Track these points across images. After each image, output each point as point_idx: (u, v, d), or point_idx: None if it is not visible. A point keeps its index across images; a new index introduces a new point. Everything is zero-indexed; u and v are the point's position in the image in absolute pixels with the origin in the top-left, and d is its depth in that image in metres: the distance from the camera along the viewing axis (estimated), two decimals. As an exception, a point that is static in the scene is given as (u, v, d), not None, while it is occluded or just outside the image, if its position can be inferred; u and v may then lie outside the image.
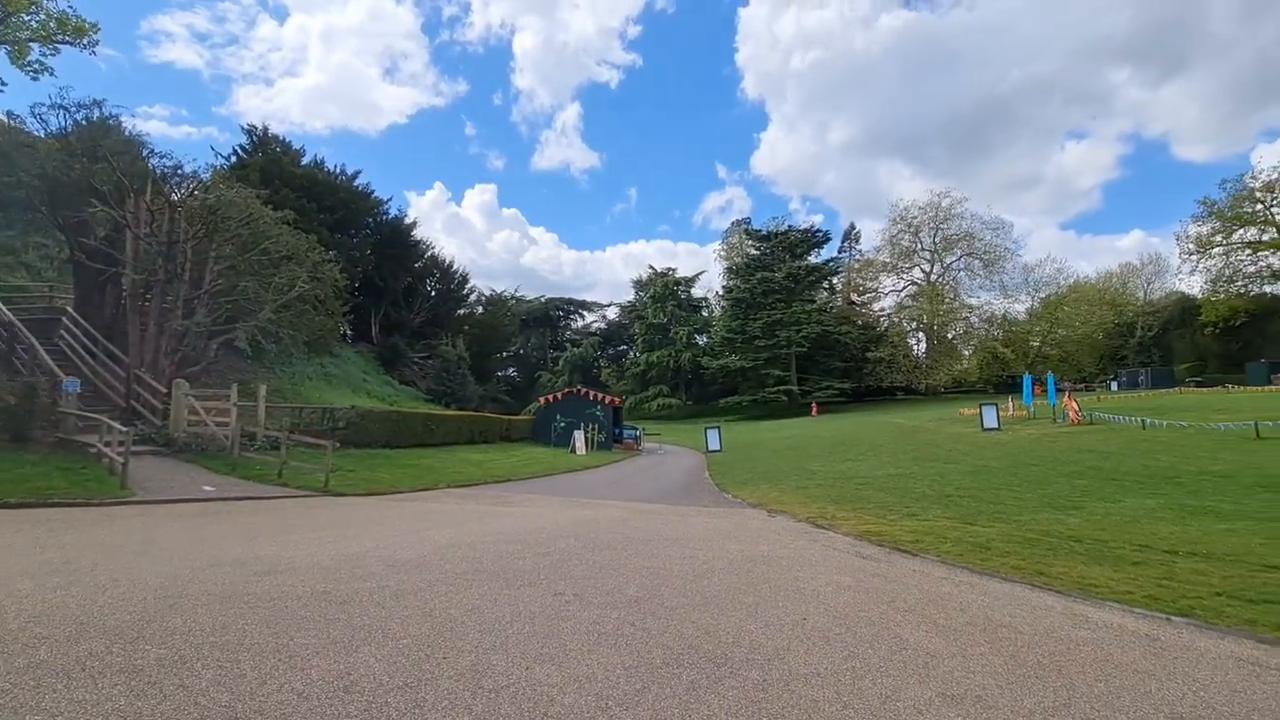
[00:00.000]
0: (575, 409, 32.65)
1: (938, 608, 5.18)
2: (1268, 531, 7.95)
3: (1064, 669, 3.86)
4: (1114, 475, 13.13)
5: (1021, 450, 18.66)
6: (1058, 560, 6.90)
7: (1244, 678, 3.78)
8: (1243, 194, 50.29)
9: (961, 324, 65.72)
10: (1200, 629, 4.75)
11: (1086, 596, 5.61)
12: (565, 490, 16.51)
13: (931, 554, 7.48)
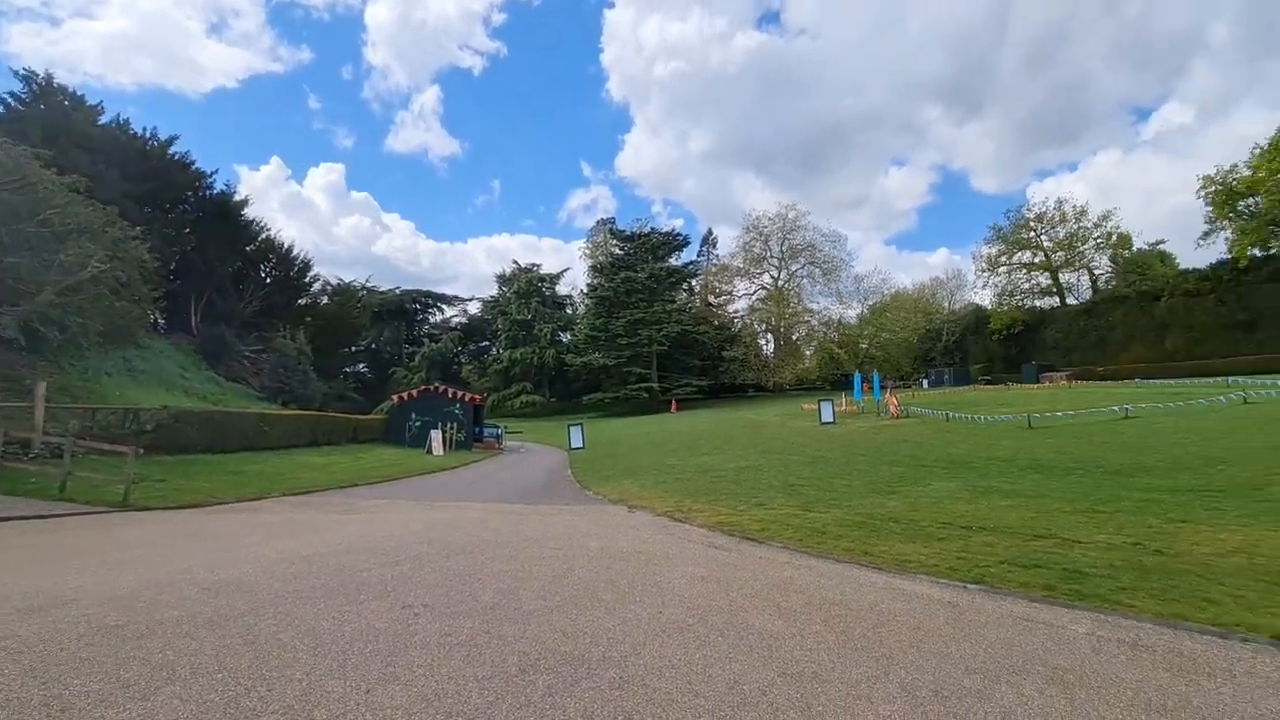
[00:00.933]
0: (432, 407, 31.06)
1: (781, 592, 5.57)
2: (1037, 507, 9.51)
3: (884, 639, 4.32)
4: (924, 462, 15.00)
5: (852, 442, 20.72)
6: (880, 540, 7.73)
7: (1019, 632, 4.48)
8: (1021, 223, 60.05)
9: (804, 327, 71.69)
10: (989, 593, 5.55)
11: (903, 571, 6.34)
12: (420, 493, 15.65)
13: (776, 541, 8.05)
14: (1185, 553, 6.57)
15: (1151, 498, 9.50)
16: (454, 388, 35.63)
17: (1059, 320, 54.77)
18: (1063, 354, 52.18)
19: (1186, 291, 43.22)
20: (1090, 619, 4.79)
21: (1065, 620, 4.76)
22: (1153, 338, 44.77)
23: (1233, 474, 10.58)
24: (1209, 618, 4.71)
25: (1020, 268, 61.11)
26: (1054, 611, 4.99)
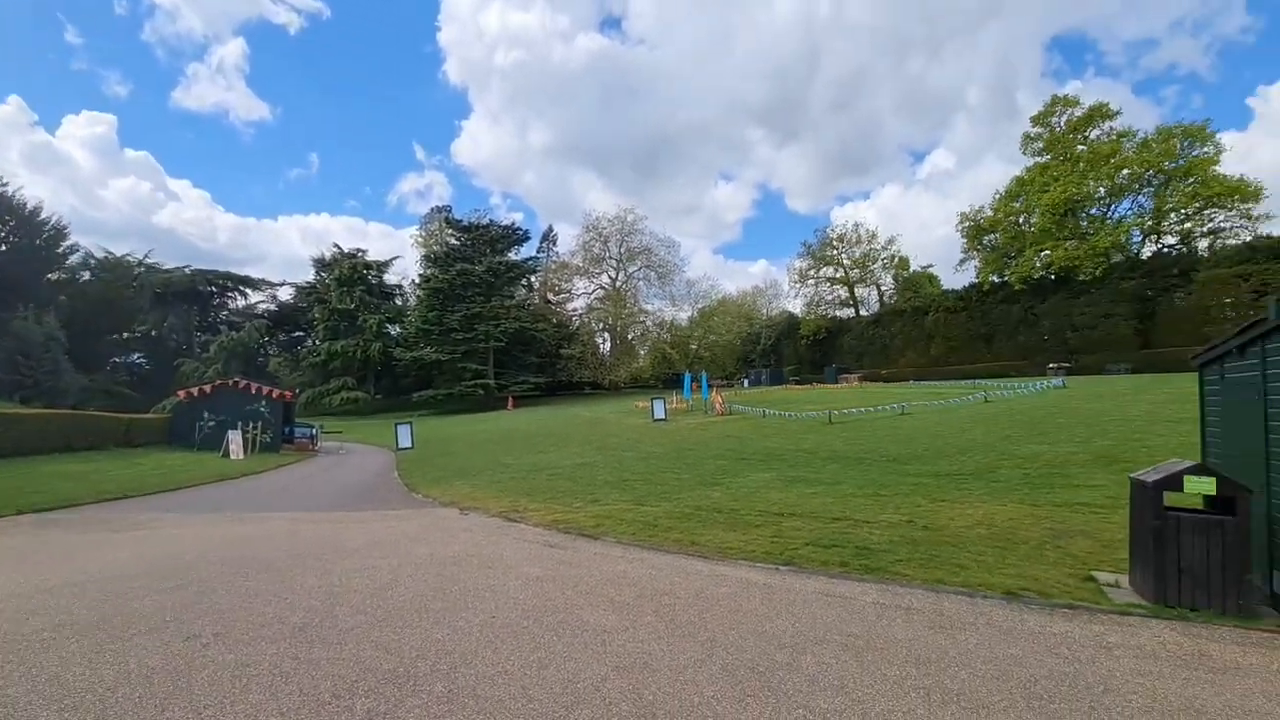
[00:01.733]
0: (230, 404, 27.16)
1: (615, 586, 5.72)
2: (835, 493, 10.79)
3: (708, 623, 4.63)
4: (744, 455, 16.31)
5: (682, 438, 21.89)
6: (705, 530, 8.26)
7: (821, 606, 5.05)
8: (826, 242, 67.94)
9: (639, 327, 74.35)
10: (797, 573, 6.18)
11: (725, 558, 6.83)
12: (214, 504, 13.62)
13: (610, 536, 8.24)
14: (943, 527, 7.88)
15: (920, 482, 11.23)
16: (259, 383, 31.47)
17: (854, 329, 62.67)
18: (856, 358, 59.79)
19: (947, 308, 51.87)
20: (876, 589, 5.55)
21: (856, 592, 5.46)
22: (922, 346, 53.07)
23: (975, 460, 12.89)
24: (960, 580, 5.70)
25: (825, 281, 69.07)
26: (848, 585, 5.70)
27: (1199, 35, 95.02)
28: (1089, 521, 7.84)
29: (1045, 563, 6.26)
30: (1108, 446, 12.46)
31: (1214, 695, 3.56)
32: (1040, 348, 43.21)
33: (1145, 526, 5.10)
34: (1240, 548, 4.79)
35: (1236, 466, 5.60)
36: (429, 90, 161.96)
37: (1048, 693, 3.55)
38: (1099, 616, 4.82)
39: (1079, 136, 45.94)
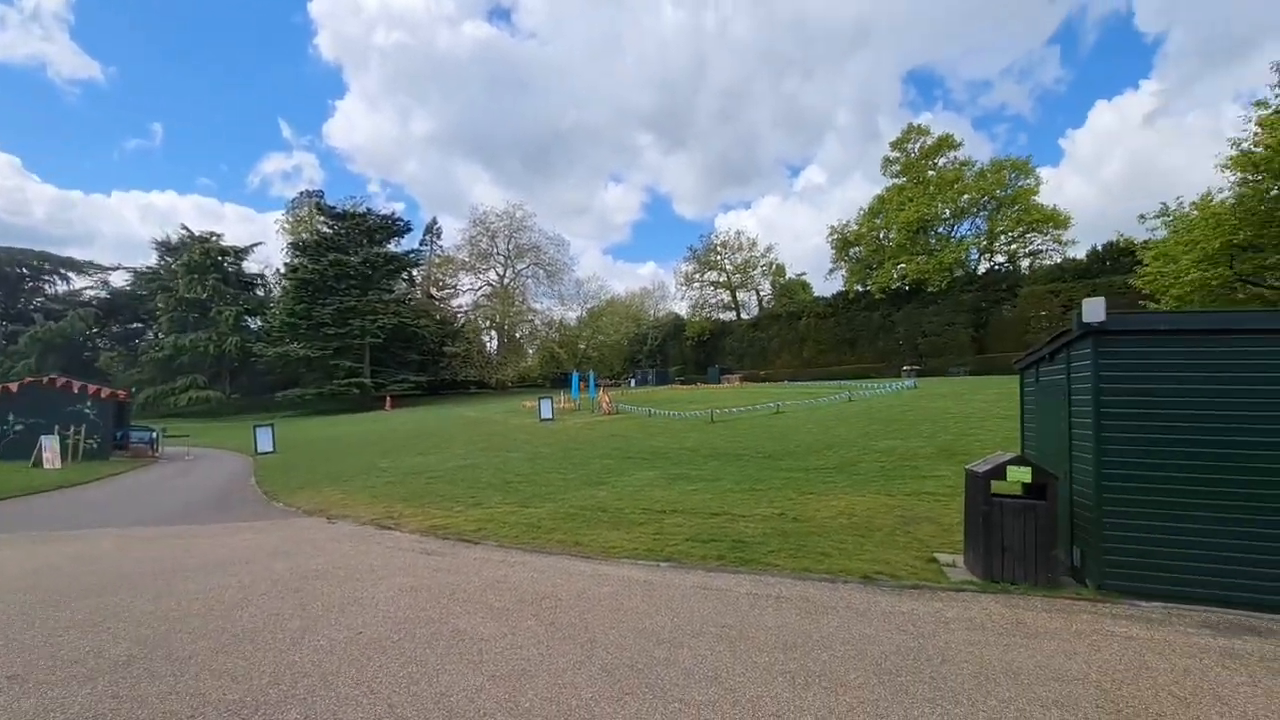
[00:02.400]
0: (45, 405, 23.32)
1: (495, 592, 5.56)
2: (715, 489, 11.22)
3: (589, 624, 4.63)
4: (630, 454, 16.54)
5: (569, 437, 21.78)
6: (590, 529, 8.27)
7: (699, 600, 5.22)
8: (710, 247, 70.66)
9: (528, 326, 73.12)
10: (677, 568, 6.35)
11: (608, 557, 6.88)
12: (23, 522, 11.65)
13: (492, 540, 8.02)
14: (811, 518, 8.44)
15: (792, 476, 11.96)
16: (83, 380, 27.31)
17: (735, 331, 65.61)
18: (738, 359, 62.61)
19: (818, 314, 55.75)
20: (750, 580, 5.83)
21: (732, 584, 5.71)
22: (796, 349, 56.64)
23: (840, 454, 13.95)
24: (825, 568, 6.12)
25: (709, 285, 71.77)
26: (725, 578, 5.94)
27: (1023, 82, 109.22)
28: (933, 509, 8.73)
29: (896, 547, 6.89)
30: (949, 441, 13.94)
31: (1028, 657, 4.08)
32: (896, 351, 47.60)
33: (977, 512, 5.76)
34: (1049, 528, 5.55)
35: (1048, 457, 6.48)
36: (297, 64, 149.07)
37: (896, 667, 3.91)
38: (939, 594, 5.38)
39: (929, 163, 51.21)
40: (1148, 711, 3.40)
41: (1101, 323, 5.20)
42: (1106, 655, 4.12)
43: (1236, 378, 5.00)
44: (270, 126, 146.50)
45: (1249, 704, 3.49)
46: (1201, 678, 3.81)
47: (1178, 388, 5.12)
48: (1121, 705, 3.46)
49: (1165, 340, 5.22)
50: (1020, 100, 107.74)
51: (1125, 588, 5.20)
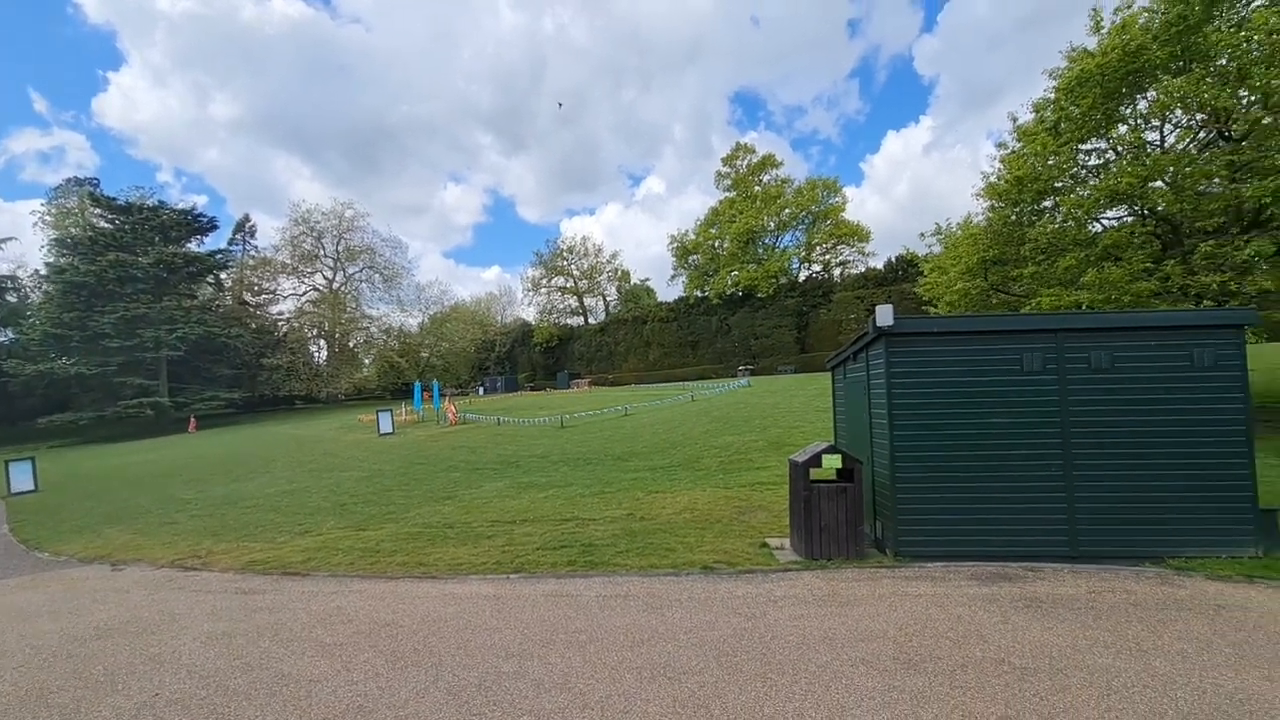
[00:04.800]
0: None
1: (326, 627, 5.11)
2: (566, 495, 11.26)
3: (434, 648, 4.44)
4: (478, 465, 16.03)
5: (412, 451, 20.57)
6: (435, 548, 7.90)
7: (549, 608, 5.22)
8: (557, 252, 70.76)
9: (363, 333, 67.71)
10: (527, 578, 6.29)
11: (456, 574, 6.62)
12: None
13: (324, 570, 7.35)
14: (657, 516, 8.80)
15: (640, 476, 12.37)
16: None
17: (583, 336, 66.23)
18: (586, 364, 63.32)
19: (662, 318, 58.15)
20: (600, 582, 5.94)
21: (582, 588, 5.79)
22: (642, 352, 58.58)
23: (685, 452, 14.70)
24: (669, 563, 6.43)
25: (556, 290, 71.77)
26: (575, 583, 6.00)
27: (831, 110, 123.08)
28: (765, 497, 9.52)
29: (734, 536, 7.43)
30: (779, 434, 15.28)
31: (841, 624, 4.63)
32: (732, 353, 51.13)
33: (798, 498, 6.40)
34: (858, 506, 6.32)
35: (856, 444, 7.36)
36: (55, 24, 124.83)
37: (732, 648, 4.23)
38: (770, 576, 5.90)
39: (756, 179, 55.81)
40: (930, 656, 4.02)
41: (891, 326, 6.05)
42: (900, 613, 4.80)
43: (989, 369, 6.08)
44: (18, 96, 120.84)
45: (1001, 639, 4.27)
46: (970, 622, 4.59)
47: (948, 379, 6.11)
48: (911, 654, 4.05)
49: (939, 340, 6.20)
50: (829, 126, 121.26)
51: (916, 553, 6.09)
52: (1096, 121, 11.58)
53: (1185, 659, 3.90)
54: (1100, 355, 5.95)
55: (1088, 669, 3.79)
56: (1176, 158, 10.95)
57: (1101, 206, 11.59)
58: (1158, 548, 5.86)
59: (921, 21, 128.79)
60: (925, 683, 3.65)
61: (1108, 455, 5.92)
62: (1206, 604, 4.86)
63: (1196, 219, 10.88)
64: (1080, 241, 11.71)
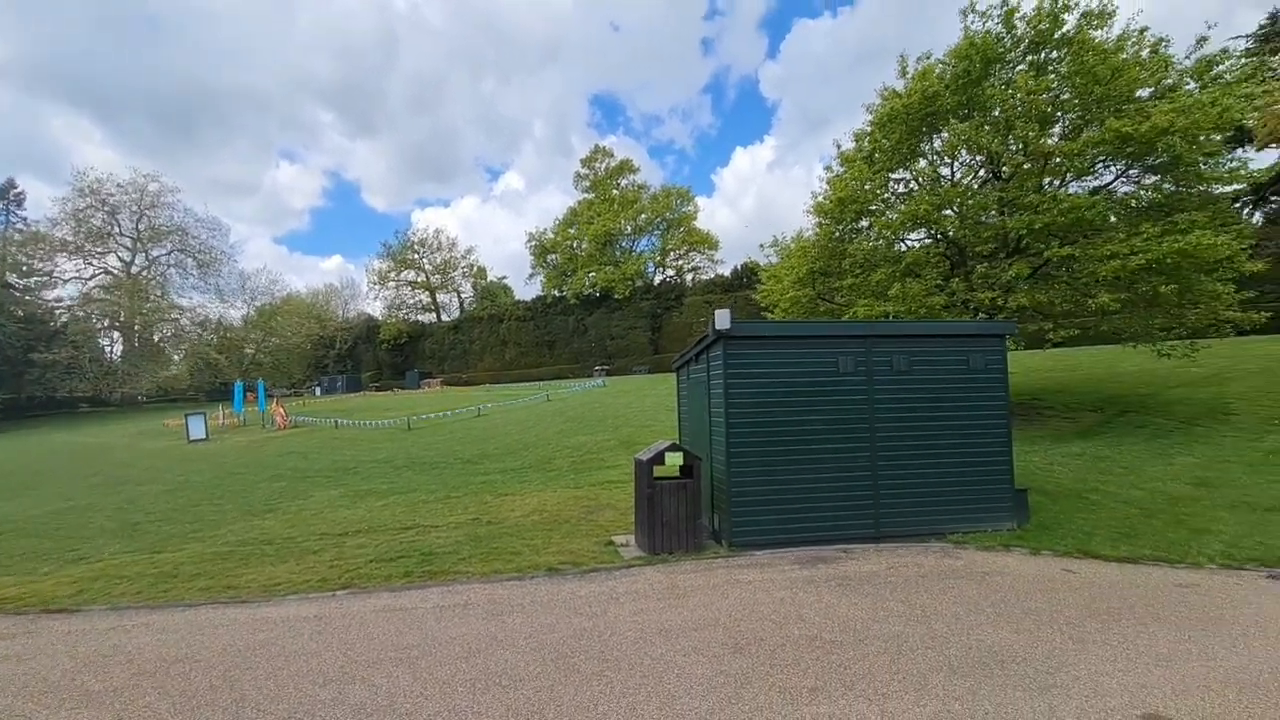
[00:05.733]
0: None
1: (97, 671, 4.34)
2: (408, 501, 10.62)
3: (237, 683, 3.95)
4: (309, 473, 14.62)
5: (229, 459, 18.28)
6: (249, 568, 7.05)
7: (378, 625, 4.87)
8: (407, 244, 66.76)
9: (171, 326, 58.86)
10: (356, 594, 5.82)
11: (271, 596, 5.95)
12: None
13: (100, 603, 6.24)
14: (505, 519, 8.60)
15: (490, 479, 12.02)
16: None
17: (435, 334, 63.12)
18: (438, 363, 60.40)
19: (518, 317, 57.10)
20: (438, 593, 5.66)
21: (418, 600, 5.48)
22: (498, 351, 57.11)
23: (538, 453, 14.54)
24: (514, 567, 6.30)
25: (406, 285, 67.65)
26: (411, 595, 5.66)
27: (685, 122, 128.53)
28: (614, 496, 9.69)
29: (581, 536, 7.46)
30: (630, 433, 15.64)
31: (677, 615, 4.82)
32: (589, 353, 51.56)
33: (642, 495, 6.58)
34: (696, 500, 6.63)
35: (697, 442, 7.72)
36: None
37: (571, 650, 4.23)
38: (613, 573, 6.00)
39: (614, 182, 56.84)
40: (755, 638, 4.31)
41: (728, 329, 6.42)
42: (731, 600, 5.11)
43: (812, 370, 6.68)
44: None
45: (815, 616, 4.70)
46: (791, 604, 5.00)
47: (778, 379, 6.62)
48: (739, 638, 4.32)
49: (770, 343, 6.70)
50: (684, 137, 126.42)
51: (748, 542, 6.52)
52: (903, 154, 13.25)
53: (958, 620, 4.56)
54: (900, 359, 6.79)
55: (883, 637, 4.28)
56: (962, 191, 12.86)
57: (906, 229, 13.29)
58: (942, 525, 6.80)
59: (767, 48, 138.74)
60: (749, 664, 3.90)
61: (904, 446, 6.76)
62: (976, 571, 5.72)
63: (976, 244, 12.85)
64: (889, 259, 13.33)
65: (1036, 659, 3.87)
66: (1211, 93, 10.86)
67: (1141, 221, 11.20)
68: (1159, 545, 6.31)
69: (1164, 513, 7.33)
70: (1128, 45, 11.58)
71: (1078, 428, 12.07)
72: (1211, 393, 13.24)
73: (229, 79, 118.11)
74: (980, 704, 3.32)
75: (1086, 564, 5.93)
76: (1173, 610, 4.68)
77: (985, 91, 12.01)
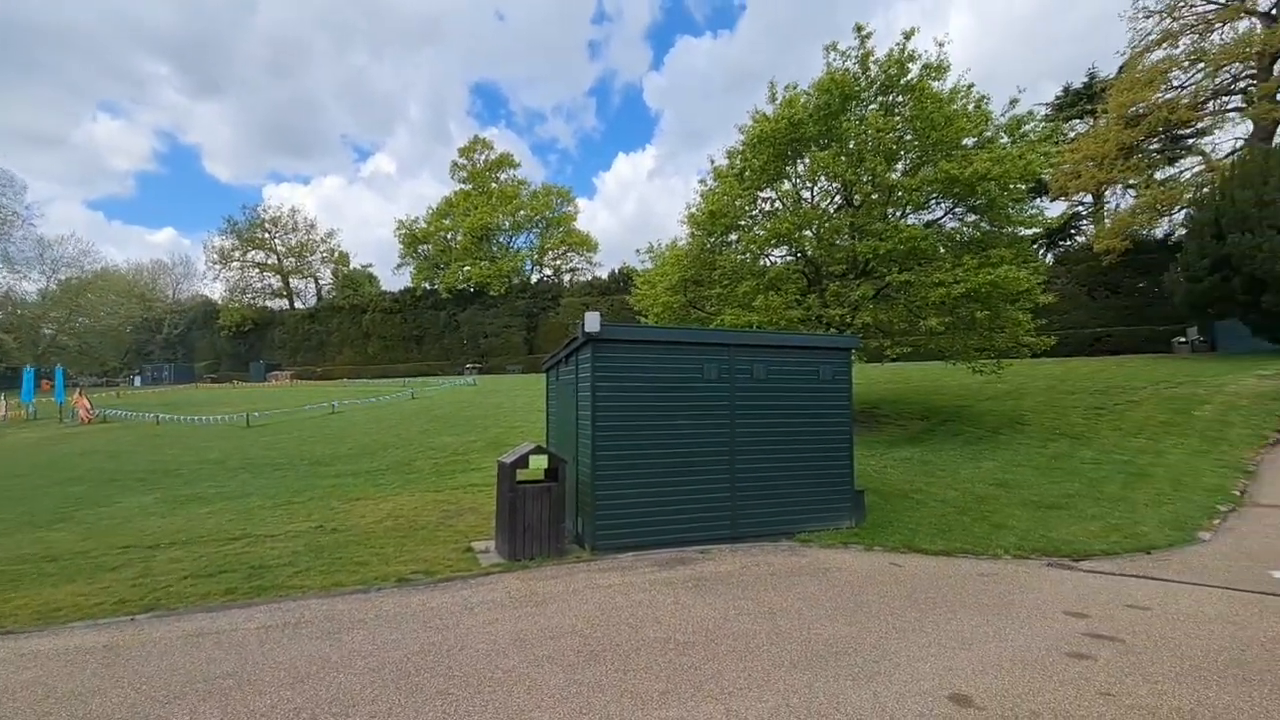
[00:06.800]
0: None
1: None
2: (240, 508, 9.52)
3: (-14, 733, 3.26)
4: (117, 476, 12.66)
5: (11, 459, 15.38)
6: (20, 591, 5.91)
7: (185, 652, 4.26)
8: (257, 222, 60.28)
9: (-67, 296, 48.60)
10: (162, 618, 5.07)
11: (48, 625, 5.01)
12: None
13: None
14: (354, 526, 7.96)
15: (340, 482, 11.10)
16: None
17: (287, 322, 57.58)
18: (289, 354, 55.14)
19: (384, 309, 53.65)
20: (266, 612, 5.08)
21: (240, 621, 4.87)
22: (359, 344, 53.27)
23: (397, 454, 13.67)
24: (359, 579, 5.82)
25: (254, 266, 61.10)
26: (231, 615, 5.02)
27: (570, 123, 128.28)
28: (477, 500, 9.33)
29: (438, 542, 7.08)
30: (499, 434, 15.19)
31: (533, 623, 4.69)
32: (461, 350, 49.63)
33: (504, 499, 6.37)
34: (560, 504, 6.53)
35: (565, 444, 7.63)
36: None
37: (416, 667, 3.95)
38: (469, 582, 5.73)
39: (493, 176, 55.26)
40: (611, 644, 4.30)
41: (598, 332, 6.40)
42: (589, 605, 5.07)
43: (679, 376, 6.84)
44: None
45: (671, 619, 4.78)
46: (649, 606, 5.05)
47: (645, 383, 6.70)
48: (594, 645, 4.28)
49: (639, 348, 6.77)
50: (568, 137, 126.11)
51: (611, 545, 6.53)
52: (770, 175, 14.09)
53: (800, 615, 4.85)
54: (759, 367, 7.15)
55: (733, 635, 4.45)
56: (820, 214, 13.93)
57: (770, 245, 14.16)
58: (792, 525, 7.25)
59: (652, 59, 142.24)
60: (602, 672, 3.87)
61: (760, 451, 7.13)
62: (819, 568, 6.15)
63: (830, 264, 13.97)
64: (754, 272, 14.11)
65: (865, 649, 4.20)
66: (1020, 147, 12.65)
67: (964, 254, 12.76)
68: (968, 539, 7.17)
69: (972, 510, 8.35)
70: (958, 98, 13.15)
71: (908, 434, 13.48)
72: (1011, 406, 15.39)
73: (35, 9, 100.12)
74: (815, 696, 3.54)
75: (911, 558, 6.59)
76: (976, 597, 5.31)
77: (842, 125, 13.08)
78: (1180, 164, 29.75)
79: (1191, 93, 26.93)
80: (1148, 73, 26.98)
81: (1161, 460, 10.36)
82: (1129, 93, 26.88)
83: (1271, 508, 8.19)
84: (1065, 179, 28.65)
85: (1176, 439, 11.45)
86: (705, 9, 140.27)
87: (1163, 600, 5.19)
